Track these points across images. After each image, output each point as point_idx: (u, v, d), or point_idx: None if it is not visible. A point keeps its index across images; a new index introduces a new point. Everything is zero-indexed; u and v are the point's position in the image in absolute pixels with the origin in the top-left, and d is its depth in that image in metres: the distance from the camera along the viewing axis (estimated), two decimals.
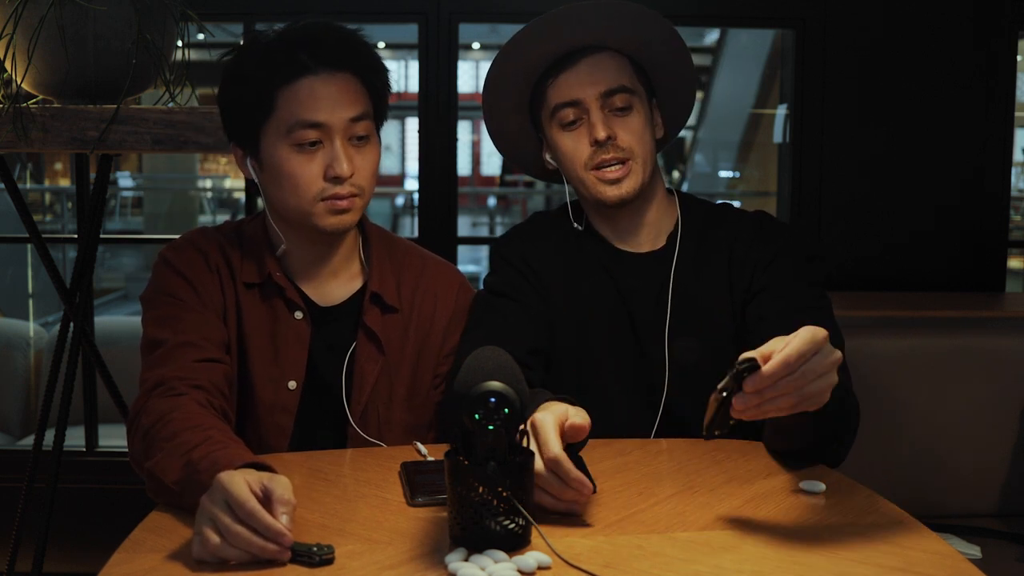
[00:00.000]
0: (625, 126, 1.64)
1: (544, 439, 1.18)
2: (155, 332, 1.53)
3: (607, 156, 1.63)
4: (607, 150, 1.63)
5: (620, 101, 1.64)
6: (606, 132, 1.62)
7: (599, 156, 1.63)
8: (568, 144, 1.66)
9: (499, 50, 1.68)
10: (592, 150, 1.64)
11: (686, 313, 1.66)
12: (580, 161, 1.65)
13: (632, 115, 1.65)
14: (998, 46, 2.96)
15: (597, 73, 1.64)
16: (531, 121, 1.74)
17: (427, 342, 1.68)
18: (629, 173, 1.64)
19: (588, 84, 1.63)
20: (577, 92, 1.64)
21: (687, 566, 1.09)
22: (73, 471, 2.86)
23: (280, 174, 1.55)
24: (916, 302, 2.72)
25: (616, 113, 1.64)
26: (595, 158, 1.64)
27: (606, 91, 1.63)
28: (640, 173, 1.65)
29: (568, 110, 1.65)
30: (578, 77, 1.64)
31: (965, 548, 2.05)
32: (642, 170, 1.65)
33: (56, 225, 9.69)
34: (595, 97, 1.63)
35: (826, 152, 2.99)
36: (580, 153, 1.65)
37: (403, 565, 1.09)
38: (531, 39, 1.64)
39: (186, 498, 1.22)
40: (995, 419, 2.29)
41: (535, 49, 1.64)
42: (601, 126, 1.62)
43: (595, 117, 1.63)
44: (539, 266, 1.72)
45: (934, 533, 1.19)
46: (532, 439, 1.19)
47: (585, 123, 1.64)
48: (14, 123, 1.81)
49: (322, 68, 1.53)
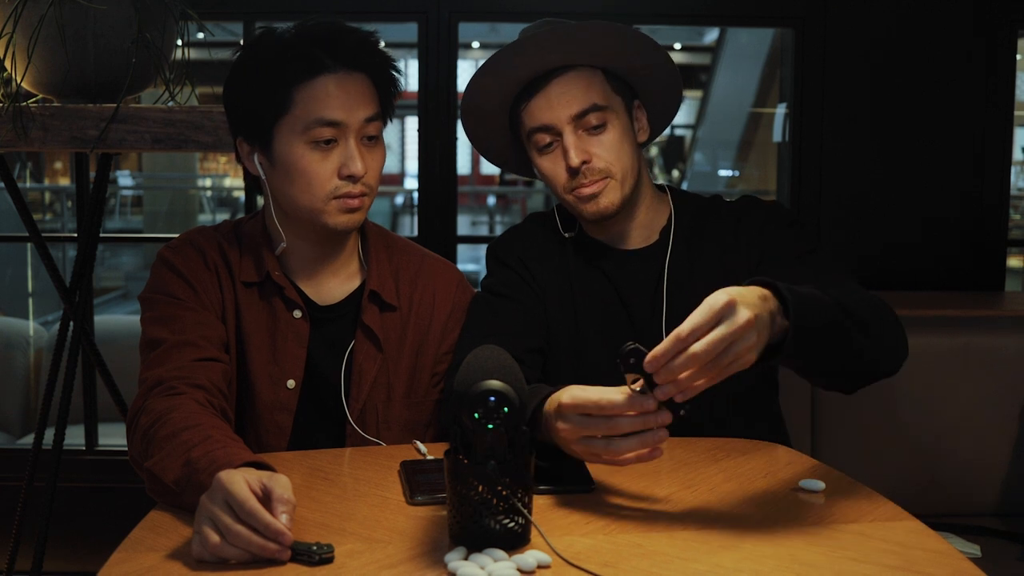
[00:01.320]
0: (600, 144, 1.63)
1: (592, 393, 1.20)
2: (154, 332, 1.53)
3: (585, 180, 1.63)
4: (584, 174, 1.63)
5: (594, 120, 1.63)
6: (579, 158, 1.62)
7: (577, 180, 1.63)
8: (546, 167, 1.67)
9: (467, 84, 1.69)
10: (570, 174, 1.64)
11: (682, 306, 1.67)
12: (559, 184, 1.66)
13: (607, 131, 1.64)
14: (998, 45, 2.96)
15: (567, 95, 1.62)
16: (516, 139, 1.74)
17: (425, 340, 1.68)
18: (605, 188, 1.63)
19: (559, 107, 1.62)
20: (548, 117, 1.63)
21: (687, 565, 1.09)
22: (73, 470, 2.86)
23: (294, 171, 1.54)
24: (916, 301, 2.71)
25: (591, 132, 1.63)
26: (571, 182, 1.64)
27: (577, 113, 1.62)
28: (619, 188, 1.64)
29: (542, 135, 1.65)
30: (548, 101, 1.63)
31: (965, 547, 2.05)
32: (620, 185, 1.64)
33: (56, 224, 9.69)
34: (567, 120, 1.62)
35: (826, 151, 2.99)
36: (558, 176, 1.65)
37: (403, 564, 1.09)
38: (494, 70, 1.63)
39: (185, 497, 1.22)
40: (995, 418, 2.30)
41: (505, 77, 1.64)
42: (574, 151, 1.62)
43: (568, 141, 1.62)
44: (535, 266, 1.73)
45: (934, 532, 1.19)
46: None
47: (560, 146, 1.64)
48: (14, 122, 1.81)
49: (340, 67, 1.54)
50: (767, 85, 7.20)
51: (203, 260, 1.61)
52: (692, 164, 10.24)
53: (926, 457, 2.29)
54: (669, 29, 10.46)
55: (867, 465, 2.26)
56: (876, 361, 1.45)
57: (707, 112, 9.09)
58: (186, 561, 1.09)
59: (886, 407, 2.30)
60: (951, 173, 3.00)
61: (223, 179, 13.88)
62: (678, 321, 1.66)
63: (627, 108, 1.69)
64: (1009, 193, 3.04)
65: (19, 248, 5.24)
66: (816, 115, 2.99)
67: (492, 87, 1.66)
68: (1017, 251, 6.78)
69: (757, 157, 7.71)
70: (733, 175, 8.65)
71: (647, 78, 1.70)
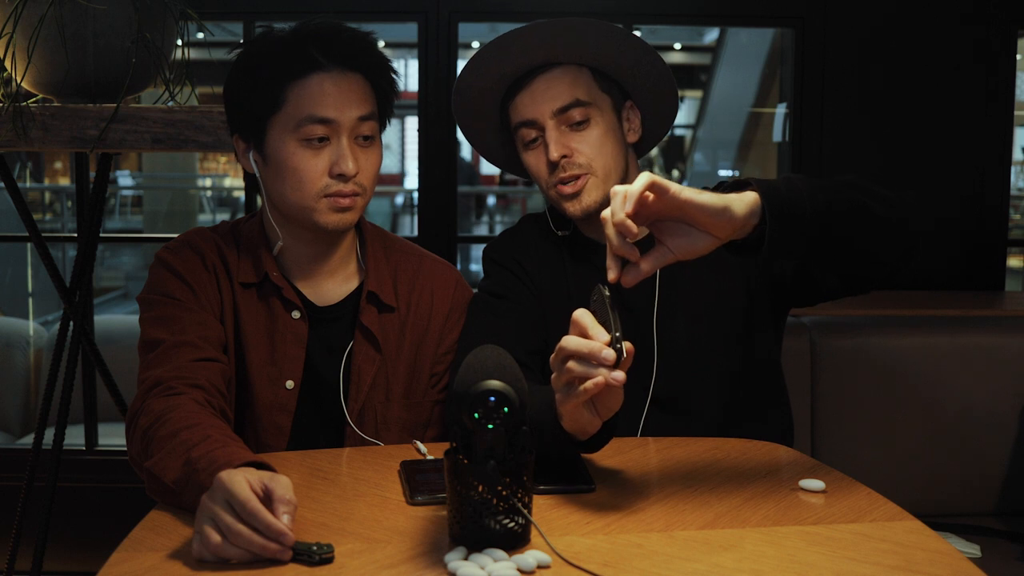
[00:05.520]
0: (583, 140, 1.65)
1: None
2: (153, 332, 1.53)
3: (564, 175, 1.64)
4: (563, 168, 1.64)
5: (577, 115, 1.64)
6: (559, 152, 1.63)
7: (557, 175, 1.65)
8: (531, 162, 1.69)
9: (456, 83, 1.70)
10: (550, 168, 1.66)
11: (674, 297, 1.68)
12: (543, 179, 1.68)
13: (590, 128, 1.65)
14: (998, 45, 2.96)
15: (551, 90, 1.64)
16: (509, 136, 1.75)
17: (424, 340, 1.68)
18: (587, 186, 1.65)
19: (542, 102, 1.64)
20: (531, 111, 1.65)
21: (686, 564, 1.09)
22: (73, 470, 2.86)
23: (285, 168, 1.55)
24: (915, 301, 2.72)
25: (574, 127, 1.65)
26: (554, 176, 1.66)
27: (559, 108, 1.64)
28: (600, 186, 1.65)
29: (526, 130, 1.67)
30: (532, 96, 1.65)
31: (965, 547, 2.05)
32: (602, 183, 1.65)
33: (56, 224, 9.68)
34: (549, 115, 1.64)
35: (825, 151, 2.99)
36: (541, 171, 1.68)
37: (402, 564, 1.09)
38: (480, 67, 1.65)
39: (185, 497, 1.22)
40: (994, 418, 2.30)
41: (490, 74, 1.66)
42: (555, 146, 1.63)
43: (550, 136, 1.64)
44: (531, 267, 1.75)
45: (934, 532, 1.19)
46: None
47: (543, 142, 1.66)
48: (14, 122, 1.81)
49: (334, 66, 1.54)
50: (767, 85, 7.20)
51: (201, 261, 1.61)
52: (692, 164, 10.24)
53: (926, 457, 2.29)
54: (669, 29, 10.46)
55: (867, 465, 2.26)
56: (894, 221, 1.39)
57: (707, 112, 9.08)
58: (186, 561, 1.09)
59: (886, 407, 2.30)
60: (951, 173, 3.00)
61: (223, 179, 13.86)
62: (671, 314, 1.68)
63: (615, 107, 1.70)
64: (1009, 193, 3.04)
65: (19, 248, 5.23)
66: (816, 115, 2.99)
67: (477, 84, 1.68)
68: (1017, 251, 6.78)
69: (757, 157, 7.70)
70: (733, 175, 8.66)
71: (638, 79, 1.70)
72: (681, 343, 1.67)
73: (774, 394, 1.75)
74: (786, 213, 1.25)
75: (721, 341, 1.68)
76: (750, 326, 1.70)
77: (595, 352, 1.16)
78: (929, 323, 2.40)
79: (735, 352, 1.69)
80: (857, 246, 1.37)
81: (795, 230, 1.27)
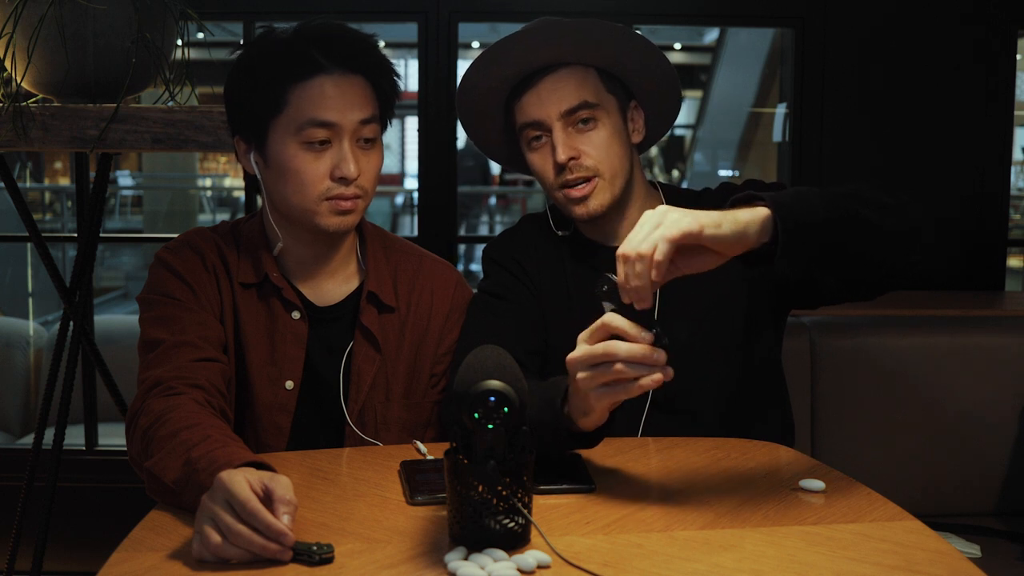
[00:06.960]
0: (589, 142, 1.64)
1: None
2: (153, 332, 1.53)
3: (571, 176, 1.64)
4: (571, 170, 1.64)
5: (584, 116, 1.64)
6: (567, 154, 1.63)
7: (564, 176, 1.64)
8: (536, 163, 1.68)
9: (460, 82, 1.70)
10: (556, 170, 1.65)
11: (675, 297, 1.68)
12: (548, 180, 1.67)
13: (597, 129, 1.64)
14: (998, 45, 2.96)
15: (558, 91, 1.63)
16: (513, 135, 1.75)
17: (424, 340, 1.68)
18: (595, 190, 1.65)
19: (549, 103, 1.64)
20: (538, 112, 1.64)
21: (686, 564, 1.09)
22: (73, 470, 2.86)
23: (286, 170, 1.54)
24: (915, 300, 2.71)
25: (581, 129, 1.64)
26: (560, 178, 1.65)
27: (567, 110, 1.63)
28: (608, 189, 1.65)
29: (532, 130, 1.66)
30: (538, 97, 1.64)
31: (964, 547, 2.05)
32: (610, 185, 1.65)
33: (56, 224, 9.68)
34: (556, 116, 1.63)
35: (825, 151, 2.99)
36: (547, 172, 1.67)
37: (402, 564, 1.09)
38: (485, 67, 1.65)
39: (185, 497, 1.22)
40: (994, 418, 2.30)
41: (496, 74, 1.65)
42: (562, 147, 1.63)
43: (557, 138, 1.63)
44: (531, 267, 1.74)
45: (934, 532, 1.19)
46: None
47: (550, 142, 1.65)
48: (14, 122, 1.81)
49: (335, 67, 1.54)
50: (767, 85, 7.19)
51: (201, 261, 1.60)
52: (692, 164, 10.24)
53: (926, 457, 2.29)
54: (669, 29, 10.45)
55: (867, 465, 2.26)
56: (899, 233, 1.40)
57: (707, 112, 9.08)
58: (186, 561, 1.09)
59: (886, 407, 2.30)
60: (951, 173, 3.00)
61: (223, 179, 13.85)
62: (673, 313, 1.68)
63: (621, 108, 1.69)
64: (1009, 193, 3.04)
65: (19, 248, 5.23)
66: (816, 115, 2.99)
67: (483, 84, 1.67)
68: (1017, 251, 6.78)
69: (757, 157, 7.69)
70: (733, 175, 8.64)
71: (643, 79, 1.70)
72: (682, 343, 1.66)
73: (774, 394, 1.75)
74: (800, 225, 1.25)
75: (721, 342, 1.68)
76: (750, 327, 1.70)
77: (648, 357, 1.20)
78: (929, 323, 2.40)
79: (735, 353, 1.69)
80: (865, 259, 1.39)
81: (806, 244, 1.28)
